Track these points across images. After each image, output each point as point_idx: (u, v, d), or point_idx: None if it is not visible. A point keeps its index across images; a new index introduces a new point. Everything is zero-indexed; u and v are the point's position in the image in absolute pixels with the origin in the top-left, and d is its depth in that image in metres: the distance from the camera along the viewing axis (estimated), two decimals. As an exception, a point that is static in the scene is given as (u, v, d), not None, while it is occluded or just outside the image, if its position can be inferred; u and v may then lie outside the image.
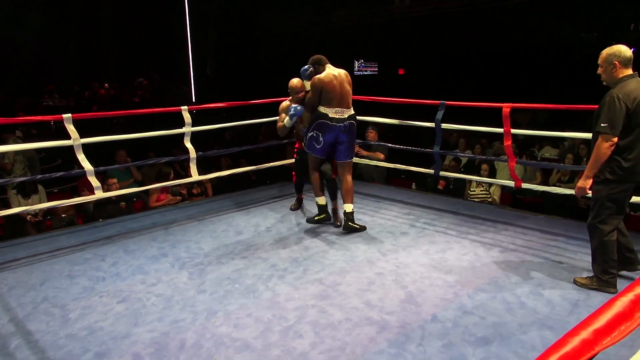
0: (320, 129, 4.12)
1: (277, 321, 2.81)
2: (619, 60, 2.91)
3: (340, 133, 4.13)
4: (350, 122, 4.18)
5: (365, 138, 6.24)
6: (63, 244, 4.16)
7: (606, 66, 2.95)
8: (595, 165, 2.93)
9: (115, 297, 3.14)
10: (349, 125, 4.17)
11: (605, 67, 2.96)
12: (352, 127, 4.21)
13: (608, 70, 2.95)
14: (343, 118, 4.12)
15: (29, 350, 2.58)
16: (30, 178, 4.46)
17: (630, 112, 2.84)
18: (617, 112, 2.82)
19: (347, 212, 4.22)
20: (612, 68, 2.93)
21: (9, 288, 3.33)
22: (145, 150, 7.28)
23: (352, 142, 4.27)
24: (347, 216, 4.22)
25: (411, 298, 3.06)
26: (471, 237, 4.10)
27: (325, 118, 4.09)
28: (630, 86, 2.87)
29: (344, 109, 4.13)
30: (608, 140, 2.85)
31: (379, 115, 5.68)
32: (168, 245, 4.06)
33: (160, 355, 2.51)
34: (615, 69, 2.92)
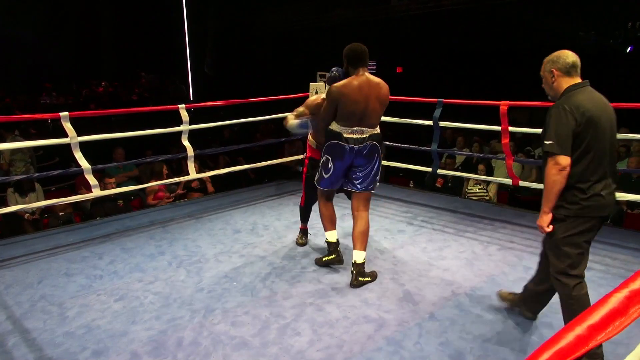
0: (330, 152, 3.26)
1: (274, 319, 2.81)
2: (557, 68, 2.36)
3: (356, 157, 3.24)
4: (372, 143, 3.22)
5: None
6: (60, 242, 4.15)
7: (545, 76, 2.42)
8: (549, 196, 2.31)
9: (112, 295, 3.14)
10: (370, 147, 3.22)
11: (544, 78, 2.43)
12: (375, 149, 3.25)
13: (548, 81, 2.41)
14: (362, 138, 3.20)
15: (26, 348, 2.58)
16: (27, 176, 4.45)
17: (580, 129, 2.24)
18: (565, 127, 2.23)
19: (356, 263, 3.24)
20: (551, 78, 2.38)
21: (6, 286, 3.33)
22: (143, 148, 7.27)
23: (373, 168, 3.28)
24: (356, 268, 3.24)
25: (409, 296, 3.07)
26: (469, 235, 4.11)
27: (338, 138, 3.21)
28: (579, 97, 2.29)
29: (364, 129, 3.20)
30: (557, 163, 2.24)
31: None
32: (166, 243, 4.06)
33: (158, 353, 2.51)
34: (554, 78, 2.37)
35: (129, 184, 5.90)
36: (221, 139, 8.84)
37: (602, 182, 2.30)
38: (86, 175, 4.24)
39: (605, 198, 2.30)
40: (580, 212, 2.30)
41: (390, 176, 6.81)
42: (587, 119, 2.23)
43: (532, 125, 5.16)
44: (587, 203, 2.28)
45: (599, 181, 2.29)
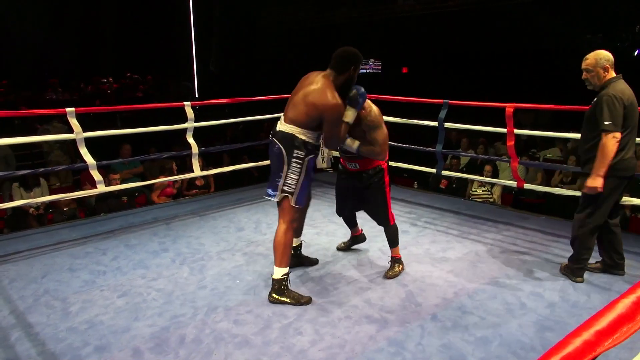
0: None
1: (276, 318, 2.81)
2: (610, 64, 3.01)
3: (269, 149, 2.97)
4: (274, 140, 2.91)
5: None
6: (64, 237, 4.16)
7: (597, 70, 3.02)
8: (604, 162, 2.94)
9: (116, 291, 3.15)
10: (271, 144, 2.92)
11: (596, 72, 3.03)
12: (275, 146, 2.89)
13: (600, 74, 3.02)
14: (274, 130, 2.94)
15: (29, 343, 2.59)
16: (32, 171, 4.46)
17: (625, 110, 2.94)
18: (618, 110, 2.92)
19: (271, 278, 3.00)
20: (603, 72, 3.01)
21: (10, 280, 3.34)
22: (147, 145, 7.29)
23: (277, 169, 2.92)
24: (272, 283, 2.99)
25: (411, 297, 3.06)
26: (472, 237, 4.10)
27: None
28: (621, 86, 2.99)
29: (282, 119, 2.93)
30: (614, 137, 2.91)
31: (382, 113, 5.65)
32: (169, 240, 4.06)
33: (160, 350, 2.52)
34: (606, 72, 3.02)
35: (133, 181, 5.92)
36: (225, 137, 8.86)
37: (632, 149, 3.05)
38: (91, 171, 4.25)
39: (631, 162, 3.05)
40: (617, 173, 3.00)
41: (394, 176, 6.80)
42: (630, 102, 2.96)
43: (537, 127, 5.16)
44: (623, 166, 3.00)
45: (630, 148, 3.03)
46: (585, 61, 3.08)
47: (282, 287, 2.97)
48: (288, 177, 2.90)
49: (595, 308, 2.92)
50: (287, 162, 2.88)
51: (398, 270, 3.38)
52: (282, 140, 2.88)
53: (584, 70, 3.08)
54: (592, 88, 3.10)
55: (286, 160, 2.87)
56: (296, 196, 2.92)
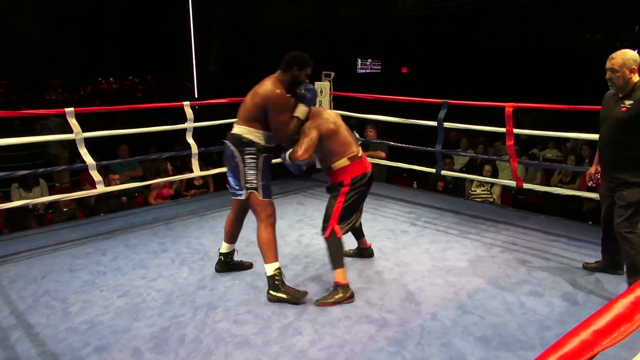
0: None
1: (276, 318, 2.82)
2: (637, 66, 2.91)
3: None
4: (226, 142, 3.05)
5: (365, 136, 6.25)
6: (64, 237, 4.17)
7: (624, 71, 2.89)
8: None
9: (115, 292, 3.15)
10: (225, 147, 3.07)
11: (622, 73, 2.90)
12: (228, 149, 3.02)
13: (625, 75, 2.90)
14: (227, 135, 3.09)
15: (29, 343, 2.59)
16: (32, 172, 4.46)
17: None
18: None
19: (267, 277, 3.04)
20: (629, 73, 2.89)
21: (10, 281, 3.34)
22: (146, 145, 7.29)
23: (233, 170, 3.04)
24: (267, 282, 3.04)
25: (411, 297, 3.06)
26: (472, 237, 4.10)
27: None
28: None
29: (234, 125, 3.09)
30: None
31: (381, 113, 5.68)
32: (169, 240, 4.06)
33: (160, 350, 2.52)
34: (633, 74, 2.90)
35: (133, 182, 5.92)
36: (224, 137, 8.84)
37: None
38: (90, 171, 4.26)
39: None
40: None
41: (393, 176, 6.81)
42: None
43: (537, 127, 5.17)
44: None
45: None
46: (610, 60, 2.94)
47: (276, 282, 2.99)
48: (247, 174, 3.00)
49: (595, 308, 2.93)
50: (242, 160, 2.99)
51: (333, 299, 2.94)
52: (232, 141, 3.01)
53: (608, 69, 2.95)
54: (615, 90, 2.99)
55: (240, 159, 2.99)
56: (262, 190, 3.02)
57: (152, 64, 15.54)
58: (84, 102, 12.05)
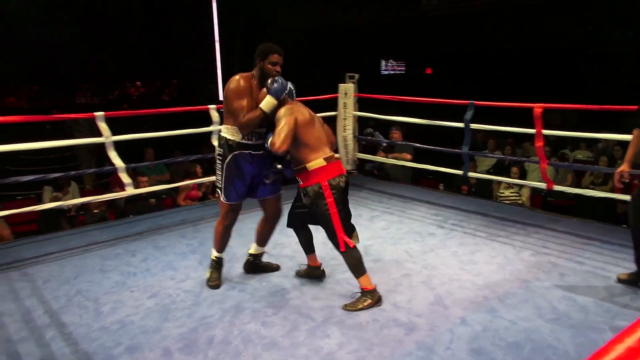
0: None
1: (304, 320, 2.82)
2: None
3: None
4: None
5: (390, 138, 6.21)
6: (95, 238, 4.25)
7: None
8: None
9: (145, 292, 3.20)
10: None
11: None
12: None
13: None
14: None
15: (63, 342, 2.65)
16: (64, 174, 4.57)
17: None
18: None
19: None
20: None
21: (43, 281, 3.43)
22: (173, 148, 7.40)
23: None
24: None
25: (439, 300, 3.03)
26: (501, 240, 4.04)
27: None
28: None
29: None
30: None
31: (406, 114, 5.65)
32: (196, 242, 4.11)
33: (190, 350, 2.55)
34: None
35: (161, 184, 6.02)
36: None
37: None
38: (120, 174, 4.34)
39: None
40: None
41: (419, 178, 6.75)
42: None
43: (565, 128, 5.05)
44: None
45: None
46: None
47: (212, 263, 3.31)
48: (216, 174, 3.18)
49: (631, 313, 2.85)
50: (214, 160, 3.20)
51: (362, 305, 2.90)
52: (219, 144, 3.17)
53: None
54: None
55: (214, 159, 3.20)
56: (223, 192, 3.15)
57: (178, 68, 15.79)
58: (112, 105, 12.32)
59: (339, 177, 2.94)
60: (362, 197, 5.35)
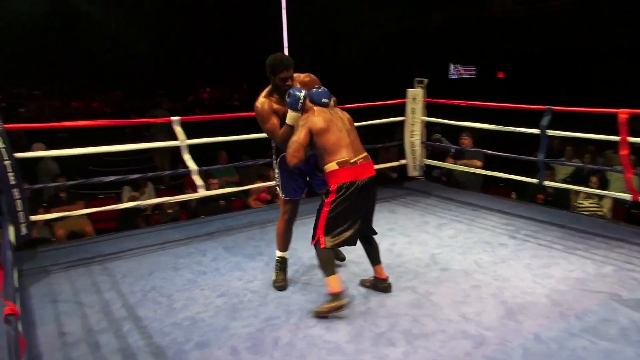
0: None
1: (368, 327, 2.79)
2: None
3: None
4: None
5: (459, 144, 6.04)
6: (169, 237, 4.45)
7: None
8: None
9: (215, 291, 3.30)
10: None
11: None
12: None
13: None
14: None
15: (138, 335, 2.79)
16: (142, 176, 4.83)
17: None
18: None
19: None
20: None
21: (122, 276, 3.63)
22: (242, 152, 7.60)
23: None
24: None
25: (511, 314, 2.89)
26: (579, 253, 3.80)
27: None
28: None
29: None
30: None
31: (476, 120, 5.47)
32: (264, 244, 4.19)
33: (256, 350, 2.60)
34: None
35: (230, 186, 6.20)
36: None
37: None
38: (193, 176, 4.52)
39: None
40: None
41: (489, 186, 6.51)
42: None
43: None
44: None
45: None
46: None
47: (277, 265, 3.41)
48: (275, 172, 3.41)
49: None
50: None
51: (327, 307, 2.89)
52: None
53: None
54: None
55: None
56: (280, 188, 3.36)
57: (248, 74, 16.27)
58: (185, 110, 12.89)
59: (350, 183, 2.92)
60: (430, 204, 5.23)
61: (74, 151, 4.19)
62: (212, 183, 5.89)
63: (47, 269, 3.78)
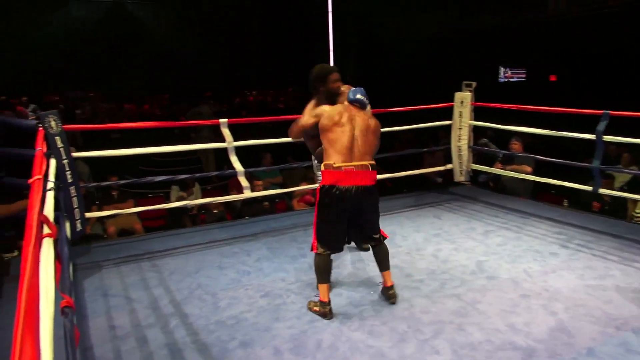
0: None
1: (412, 333, 2.75)
2: None
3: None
4: None
5: (509, 149, 5.87)
6: (215, 237, 4.54)
7: None
8: None
9: (259, 291, 3.34)
10: None
11: None
12: None
13: None
14: None
15: (185, 331, 2.85)
16: (190, 176, 4.95)
17: None
18: None
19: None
20: None
21: (169, 273, 3.73)
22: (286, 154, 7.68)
23: None
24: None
25: (562, 326, 2.78)
26: (638, 265, 3.61)
27: None
28: None
29: None
30: None
31: (526, 124, 5.31)
32: (307, 246, 4.17)
33: (299, 351, 2.60)
34: None
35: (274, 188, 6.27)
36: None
37: None
38: (239, 177, 4.59)
39: None
40: None
41: (540, 193, 6.29)
42: None
43: None
44: None
45: None
46: None
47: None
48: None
49: None
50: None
51: (312, 309, 3.01)
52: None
53: None
54: None
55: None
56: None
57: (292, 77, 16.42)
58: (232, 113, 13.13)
59: (330, 186, 2.89)
60: (476, 210, 5.11)
61: (125, 151, 4.35)
62: (256, 184, 5.97)
63: (99, 264, 3.93)
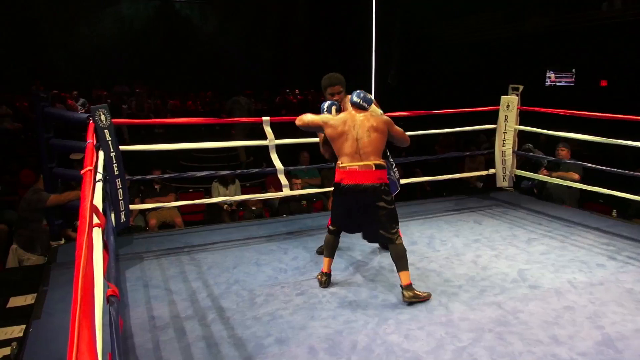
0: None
1: (450, 339, 2.69)
2: None
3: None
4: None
5: (556, 155, 5.68)
6: (252, 234, 4.58)
7: None
8: None
9: (295, 289, 3.35)
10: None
11: None
12: None
13: None
14: None
15: (221, 325, 2.89)
16: (231, 172, 5.02)
17: None
18: None
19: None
20: None
21: (208, 267, 3.79)
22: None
23: None
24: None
25: (609, 342, 2.66)
26: (692, 281, 3.42)
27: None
28: None
29: None
30: None
31: (574, 130, 5.13)
32: (343, 247, 4.17)
33: (334, 352, 2.59)
34: None
35: (312, 188, 6.29)
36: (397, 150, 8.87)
37: None
38: (279, 175, 4.62)
39: None
40: None
41: (587, 202, 6.05)
42: None
43: None
44: None
45: None
46: None
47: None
48: None
49: None
50: None
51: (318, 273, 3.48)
52: None
53: None
54: None
55: None
56: None
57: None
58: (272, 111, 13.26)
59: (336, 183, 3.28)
60: (519, 216, 4.97)
61: (167, 146, 4.45)
62: (295, 183, 6.00)
63: (140, 255, 4.04)
